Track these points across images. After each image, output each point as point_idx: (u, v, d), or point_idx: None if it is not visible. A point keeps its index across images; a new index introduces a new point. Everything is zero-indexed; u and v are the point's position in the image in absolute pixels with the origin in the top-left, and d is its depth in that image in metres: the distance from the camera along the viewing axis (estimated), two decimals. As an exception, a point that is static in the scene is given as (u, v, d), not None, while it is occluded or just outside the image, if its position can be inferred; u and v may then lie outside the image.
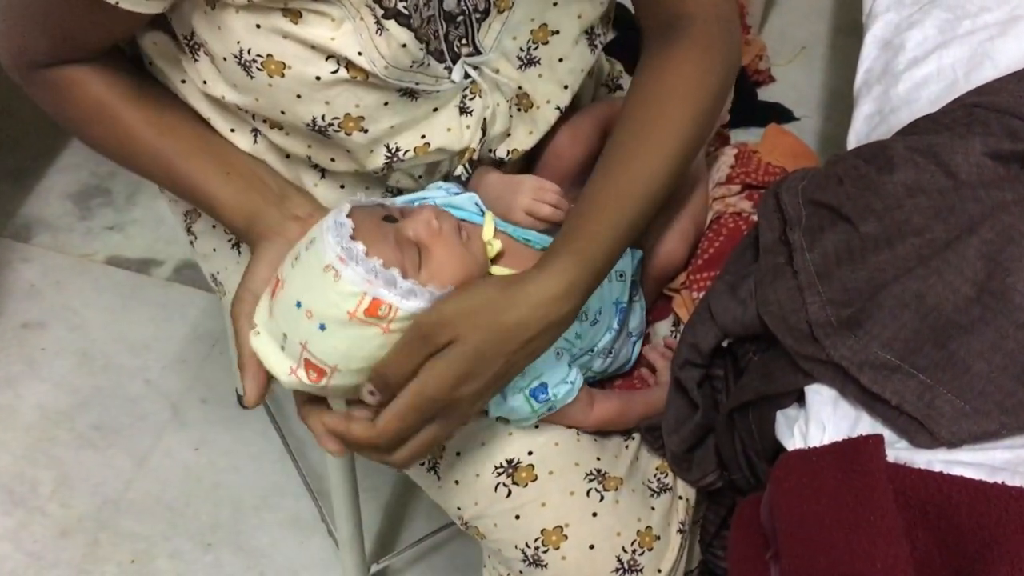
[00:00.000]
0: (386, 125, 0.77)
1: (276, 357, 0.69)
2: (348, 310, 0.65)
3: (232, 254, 0.94)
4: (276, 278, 0.70)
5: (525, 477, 0.81)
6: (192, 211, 0.96)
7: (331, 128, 0.75)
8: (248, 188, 0.82)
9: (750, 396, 0.76)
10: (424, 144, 0.79)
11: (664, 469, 0.87)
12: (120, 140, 0.81)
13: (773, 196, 0.85)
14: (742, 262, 0.88)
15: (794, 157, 1.04)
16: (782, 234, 0.81)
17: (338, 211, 0.69)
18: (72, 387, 1.52)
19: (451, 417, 0.70)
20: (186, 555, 1.35)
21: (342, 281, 0.65)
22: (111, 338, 1.58)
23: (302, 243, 0.69)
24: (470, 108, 0.81)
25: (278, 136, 0.80)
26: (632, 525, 0.82)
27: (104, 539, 1.36)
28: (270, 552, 1.35)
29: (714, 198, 0.97)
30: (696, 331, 0.83)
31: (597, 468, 0.82)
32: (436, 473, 0.85)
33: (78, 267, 1.68)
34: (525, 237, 0.80)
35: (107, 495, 1.40)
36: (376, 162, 0.80)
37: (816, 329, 0.71)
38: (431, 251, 0.70)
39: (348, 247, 0.65)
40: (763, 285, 0.78)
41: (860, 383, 0.68)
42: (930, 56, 0.90)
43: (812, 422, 0.70)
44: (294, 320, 0.67)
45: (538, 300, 0.68)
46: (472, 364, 0.67)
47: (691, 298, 0.92)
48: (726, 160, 0.99)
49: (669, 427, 0.83)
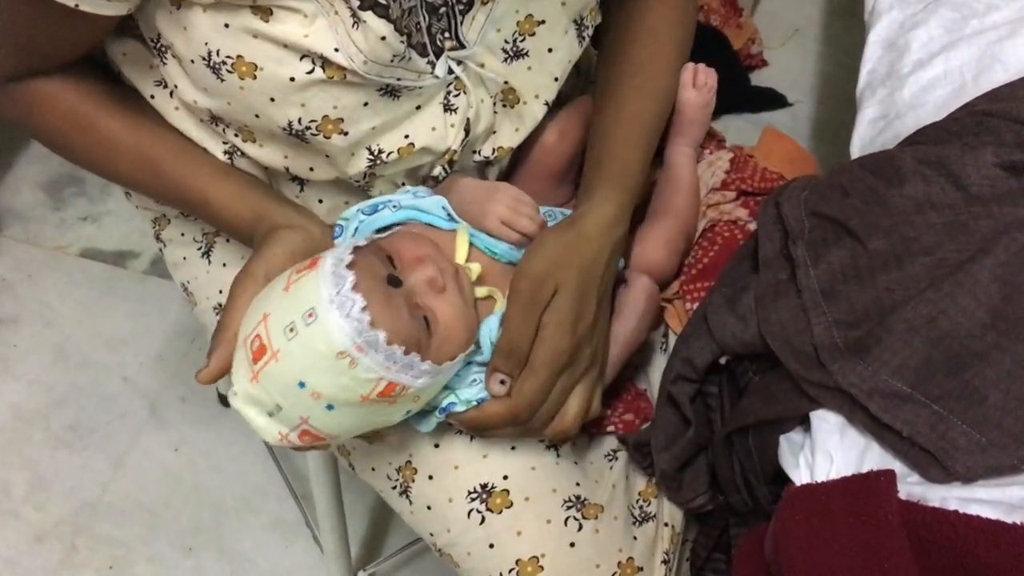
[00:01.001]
0: (367, 126, 0.73)
1: (262, 421, 0.66)
2: (362, 394, 0.63)
3: (202, 263, 0.90)
4: (261, 342, 0.64)
5: (500, 503, 0.77)
6: (161, 217, 0.92)
7: (308, 132, 0.71)
8: (252, 185, 0.79)
9: (751, 420, 0.73)
10: (408, 144, 0.76)
11: (647, 496, 0.83)
12: (99, 149, 0.78)
13: (773, 205, 0.82)
14: (739, 273, 0.85)
15: (791, 163, 1.00)
16: (783, 247, 0.78)
17: (337, 277, 0.63)
18: (46, 385, 1.48)
19: (577, 363, 0.73)
20: (166, 560, 1.32)
21: (359, 368, 0.62)
22: (87, 334, 1.54)
23: (294, 307, 0.63)
24: (454, 105, 0.77)
25: (252, 149, 0.76)
26: (612, 556, 0.78)
27: (81, 544, 1.33)
28: (253, 556, 1.32)
29: (708, 205, 0.93)
30: (691, 345, 0.80)
31: (576, 495, 0.78)
32: (408, 497, 0.81)
33: (51, 260, 1.63)
34: (491, 249, 0.77)
35: (84, 498, 1.37)
36: (358, 166, 0.76)
37: (822, 353, 0.68)
38: (437, 316, 0.68)
39: (368, 337, 0.62)
40: (765, 303, 0.74)
41: (869, 411, 0.65)
42: (936, 58, 0.86)
43: (819, 452, 0.67)
44: (295, 397, 0.64)
45: (599, 229, 0.75)
46: (578, 303, 0.72)
47: (684, 309, 0.89)
48: (721, 165, 0.95)
49: (659, 444, 0.80)
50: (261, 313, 0.65)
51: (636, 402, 0.87)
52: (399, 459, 0.81)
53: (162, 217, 0.92)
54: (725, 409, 0.80)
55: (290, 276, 0.66)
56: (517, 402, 0.70)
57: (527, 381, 0.70)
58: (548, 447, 0.80)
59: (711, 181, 0.94)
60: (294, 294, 0.64)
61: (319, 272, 0.64)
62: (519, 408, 0.71)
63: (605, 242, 0.75)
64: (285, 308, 0.64)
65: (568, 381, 0.73)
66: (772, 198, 0.83)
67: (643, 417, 0.85)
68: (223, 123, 0.75)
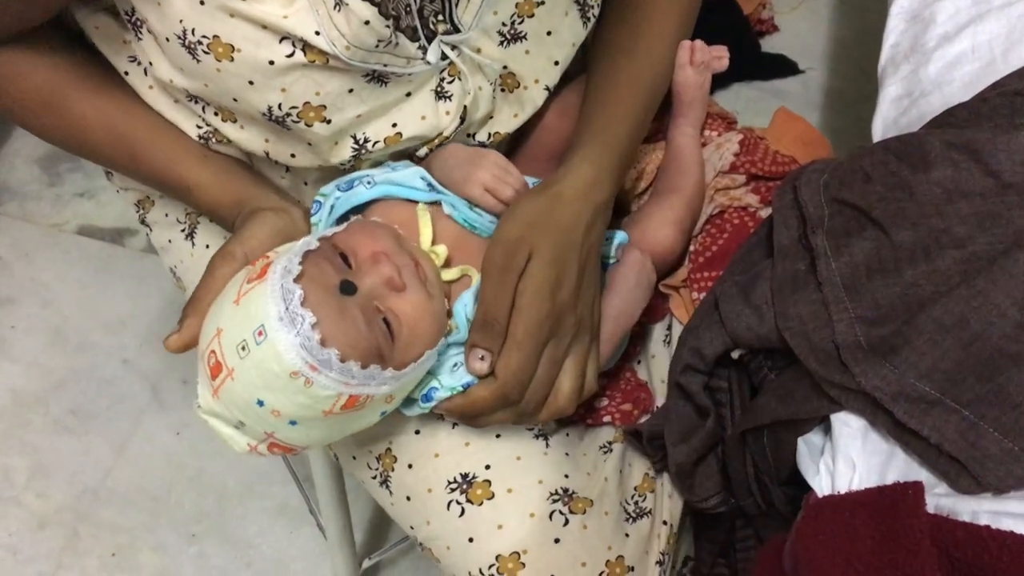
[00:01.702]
0: (351, 114, 0.69)
1: (229, 432, 0.64)
2: (323, 410, 0.61)
3: (186, 246, 0.87)
4: (216, 359, 0.61)
5: (480, 495, 0.73)
6: (144, 199, 0.89)
7: (289, 118, 0.68)
8: (232, 169, 0.76)
9: (767, 420, 0.69)
10: (395, 134, 0.72)
11: (643, 490, 0.79)
12: (72, 129, 0.75)
13: (791, 190, 0.78)
14: (751, 259, 0.81)
15: (804, 145, 0.95)
16: (801, 235, 0.74)
17: (285, 292, 0.59)
18: (45, 368, 1.45)
19: (561, 333, 0.68)
20: (170, 547, 1.30)
21: (315, 387, 0.60)
22: (85, 314, 1.51)
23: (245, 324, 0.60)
24: (448, 92, 0.73)
25: (232, 130, 0.72)
26: (600, 554, 0.73)
27: (83, 531, 1.31)
28: (258, 543, 1.30)
29: (716, 189, 0.89)
30: (701, 335, 0.76)
31: (564, 487, 0.74)
32: (388, 487, 0.77)
33: (48, 238, 1.60)
34: (471, 222, 0.73)
35: (85, 484, 1.35)
36: (342, 155, 0.72)
37: (844, 352, 0.64)
38: (400, 318, 0.64)
39: (320, 356, 0.59)
40: (782, 295, 0.70)
41: (894, 416, 0.61)
42: (964, 31, 0.81)
43: (840, 458, 0.63)
44: (255, 414, 0.62)
45: (577, 191, 0.71)
46: (555, 269, 0.68)
47: (691, 298, 0.85)
48: (730, 148, 0.90)
49: (674, 436, 0.76)
50: (215, 327, 0.62)
51: (635, 392, 0.83)
52: (379, 447, 0.77)
53: (145, 199, 0.89)
54: (735, 405, 0.77)
55: (241, 286, 0.62)
56: (504, 379, 0.66)
57: (509, 356, 0.66)
58: (537, 436, 0.76)
59: (719, 164, 0.90)
60: (244, 308, 0.61)
61: (267, 286, 0.60)
62: (507, 386, 0.66)
63: (583, 205, 0.71)
64: (237, 324, 0.61)
65: (555, 352, 0.68)
66: (789, 181, 0.78)
67: (642, 408, 0.82)
68: (202, 102, 0.72)
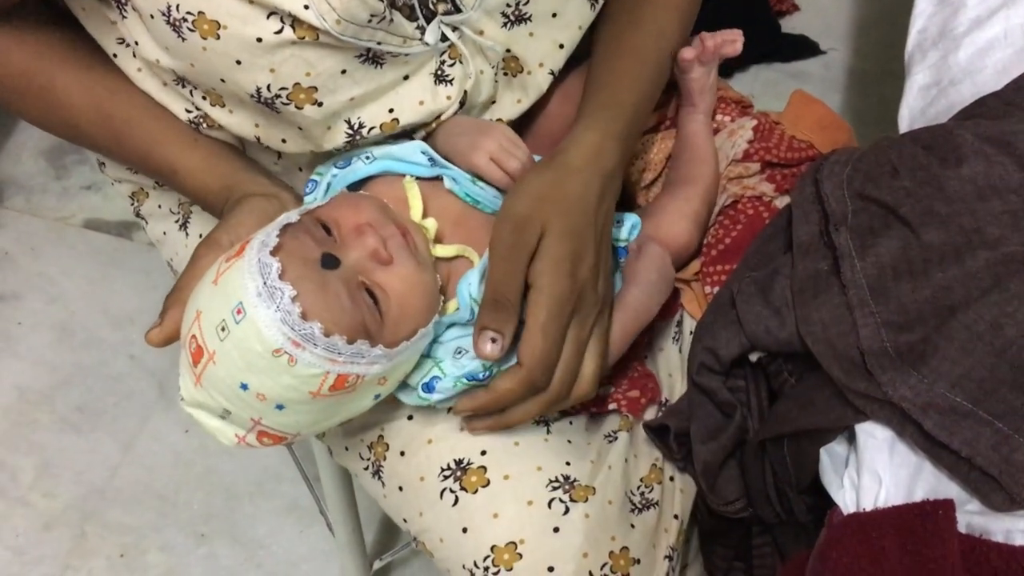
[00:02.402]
0: (344, 97, 0.66)
1: (215, 424, 0.62)
2: (310, 391, 0.58)
3: (180, 237, 0.85)
4: (197, 343, 0.59)
5: (475, 482, 0.69)
6: (139, 191, 0.86)
7: (278, 100, 0.65)
8: (221, 153, 0.73)
9: (788, 429, 0.66)
10: (392, 120, 0.69)
11: (650, 481, 0.75)
12: (56, 107, 0.72)
13: (812, 183, 0.74)
14: (766, 253, 0.77)
15: (823, 129, 0.91)
16: (823, 231, 0.70)
17: (262, 266, 0.57)
18: (51, 365, 1.43)
19: (584, 311, 0.65)
20: (178, 547, 1.28)
21: (299, 365, 0.57)
22: (92, 310, 1.49)
23: (224, 303, 0.58)
24: (448, 76, 0.70)
25: (222, 115, 0.70)
26: (603, 544, 0.69)
27: (91, 531, 1.29)
28: (267, 543, 1.28)
29: (729, 178, 0.85)
30: (717, 335, 0.73)
31: (564, 474, 0.70)
32: (380, 478, 0.74)
33: (54, 232, 1.58)
34: (473, 197, 0.70)
35: (92, 483, 1.33)
36: (335, 140, 0.70)
37: (870, 359, 0.61)
38: (387, 292, 0.61)
39: (303, 330, 0.56)
40: (804, 297, 0.67)
41: (923, 428, 0.58)
42: (996, 15, 0.77)
43: (865, 471, 0.60)
44: (240, 400, 0.59)
45: (584, 159, 0.68)
46: (572, 242, 0.64)
47: (703, 293, 0.81)
48: (743, 134, 0.86)
49: (702, 434, 0.72)
50: (195, 310, 0.60)
51: (643, 380, 0.80)
52: (371, 434, 0.75)
53: (139, 191, 0.86)
54: (753, 408, 0.73)
55: (219, 266, 0.60)
56: (529, 365, 0.63)
57: (533, 340, 0.63)
58: (538, 422, 0.73)
59: (732, 152, 0.86)
60: (223, 288, 0.59)
61: (244, 261, 0.58)
62: (533, 373, 0.63)
63: (592, 174, 0.67)
64: (216, 304, 0.59)
65: (579, 332, 0.65)
66: (810, 173, 0.75)
67: (649, 398, 0.78)
68: (190, 85, 0.69)
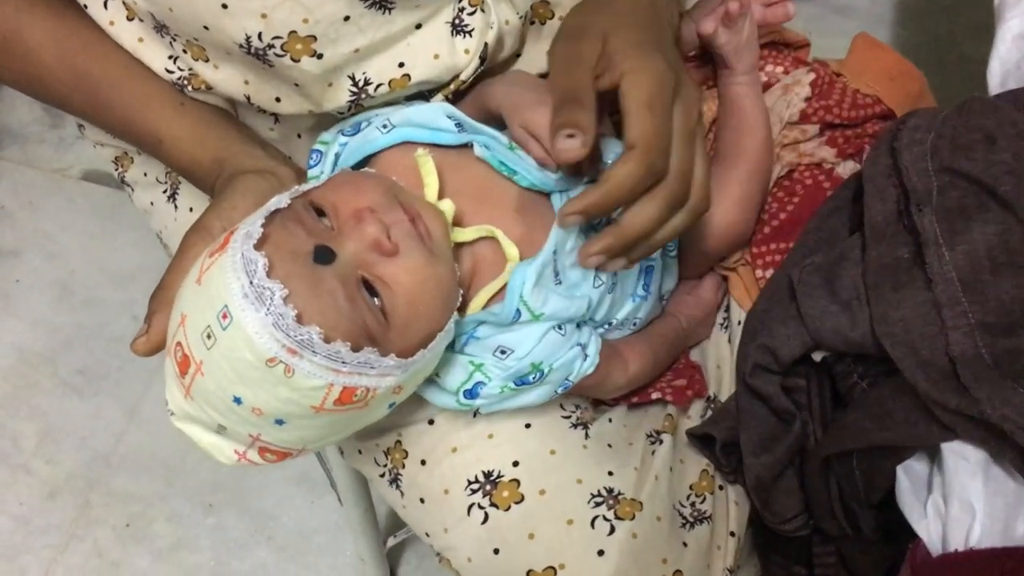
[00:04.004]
0: (347, 48, 0.58)
1: (210, 440, 0.54)
2: (312, 405, 0.50)
3: (168, 209, 0.76)
4: (183, 351, 0.51)
5: (507, 498, 0.62)
6: (123, 155, 0.78)
7: (271, 51, 0.57)
8: (212, 121, 0.65)
9: (860, 444, 0.57)
10: (403, 76, 0.61)
11: (701, 490, 0.67)
12: (24, 63, 0.64)
13: (888, 153, 0.64)
14: (828, 231, 0.68)
15: (891, 79, 0.78)
16: (903, 212, 0.60)
17: (247, 262, 0.49)
18: (52, 325, 1.37)
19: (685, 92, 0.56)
20: (185, 518, 1.22)
21: (298, 376, 0.49)
22: (92, 267, 1.42)
23: (208, 306, 0.50)
24: (467, 25, 0.61)
25: (207, 71, 0.61)
26: (654, 568, 0.62)
27: (95, 500, 1.24)
28: (277, 514, 1.22)
29: (783, 144, 0.74)
30: (774, 331, 0.64)
31: (608, 487, 0.62)
32: (398, 487, 0.67)
33: (52, 184, 1.50)
34: (510, 166, 0.60)
35: (97, 449, 1.27)
36: (337, 100, 0.61)
37: (962, 368, 0.52)
38: (392, 289, 0.52)
39: (298, 336, 0.48)
40: (880, 291, 0.58)
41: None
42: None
43: (954, 499, 0.52)
44: (235, 415, 0.52)
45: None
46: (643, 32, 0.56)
47: (754, 278, 0.72)
48: (800, 91, 0.75)
49: (753, 445, 0.64)
50: (179, 314, 0.52)
51: (689, 371, 0.72)
52: (387, 439, 0.67)
53: (123, 155, 0.78)
54: (815, 411, 0.65)
55: (203, 261, 0.52)
56: (644, 143, 0.52)
57: (641, 115, 0.53)
58: (575, 424, 0.65)
59: (787, 113, 0.75)
60: (206, 288, 0.51)
61: (227, 257, 0.50)
62: (649, 151, 0.52)
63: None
64: (200, 307, 0.51)
65: (685, 118, 0.55)
66: (885, 141, 0.65)
67: (695, 390, 0.71)
68: (169, 34, 0.60)
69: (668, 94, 0.54)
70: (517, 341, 0.59)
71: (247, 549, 1.20)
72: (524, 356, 0.59)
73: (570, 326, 0.61)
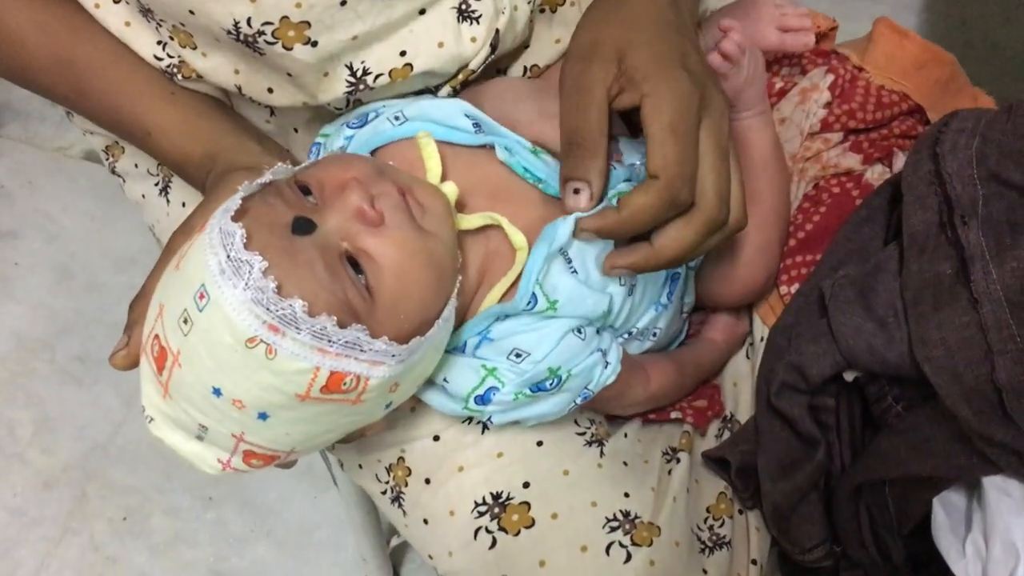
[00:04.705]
0: (344, 35, 0.54)
1: (192, 448, 0.51)
2: (296, 393, 0.46)
3: (160, 203, 0.72)
4: (160, 344, 0.48)
5: (517, 521, 0.58)
6: (113, 144, 0.74)
7: (262, 38, 0.53)
8: (203, 112, 0.61)
9: (895, 474, 0.53)
10: (404, 66, 0.57)
11: (719, 513, 0.63)
12: (7, 49, 0.61)
13: (929, 158, 0.60)
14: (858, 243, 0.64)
15: (918, 70, 0.73)
16: (945, 222, 0.56)
17: (224, 235, 0.46)
18: (51, 310, 1.34)
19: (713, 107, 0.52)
20: (184, 512, 1.19)
21: (280, 357, 0.45)
22: (93, 250, 1.39)
23: (185, 289, 0.46)
24: (474, 11, 0.57)
25: (195, 59, 0.57)
26: None
27: (92, 492, 1.21)
28: (278, 508, 1.19)
29: (806, 158, 0.70)
30: (803, 349, 0.60)
31: (624, 510, 0.59)
32: (400, 506, 0.63)
33: (53, 163, 1.47)
34: (534, 172, 0.56)
35: (94, 440, 1.24)
36: (333, 91, 0.57)
37: (1010, 399, 0.48)
38: (376, 259, 0.49)
39: (279, 310, 0.44)
40: (920, 309, 0.53)
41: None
42: None
43: (996, 538, 0.48)
44: (215, 410, 0.47)
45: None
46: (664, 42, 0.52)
47: (778, 294, 0.67)
48: (819, 97, 0.70)
49: (772, 470, 0.61)
50: (157, 304, 0.49)
51: (708, 391, 0.69)
52: (390, 454, 0.63)
53: (114, 145, 0.74)
54: (844, 433, 0.61)
55: (183, 248, 0.49)
56: (667, 176, 0.49)
57: (663, 141, 0.49)
58: (589, 442, 0.61)
59: (807, 123, 0.70)
60: (184, 271, 0.48)
61: (205, 232, 0.47)
62: (671, 181, 0.49)
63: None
64: (177, 292, 0.48)
65: (716, 136, 0.51)
66: (926, 144, 0.60)
67: (715, 410, 0.67)
68: (155, 19, 0.57)
69: (692, 116, 0.50)
70: (534, 343, 0.55)
71: (247, 544, 1.17)
72: (541, 360, 0.55)
73: (590, 330, 0.57)
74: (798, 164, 0.69)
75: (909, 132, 0.71)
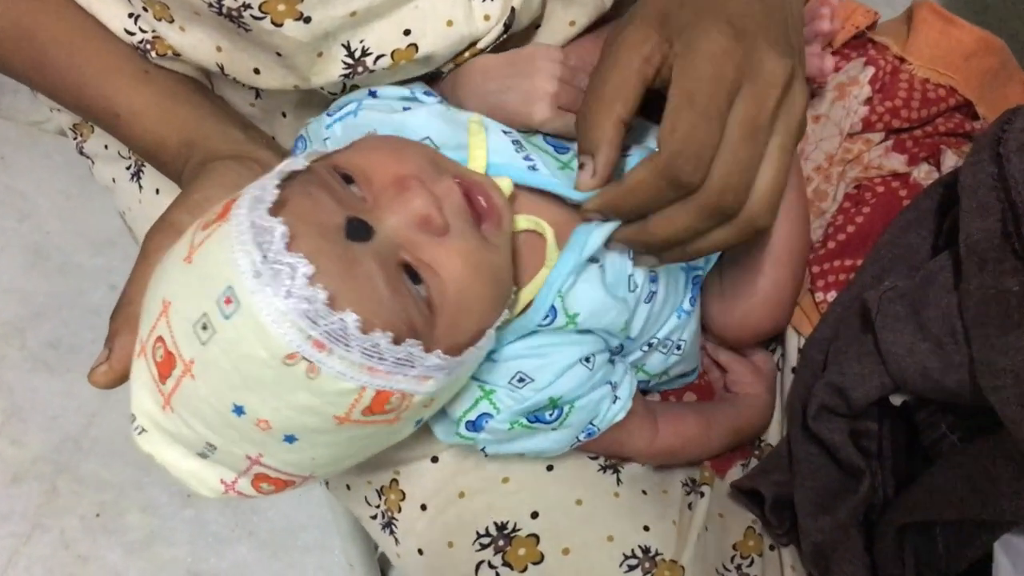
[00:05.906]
0: (341, 11, 0.49)
1: (189, 467, 0.44)
2: (336, 415, 0.41)
3: (131, 188, 0.66)
4: (165, 348, 0.41)
5: (524, 556, 0.53)
6: (81, 123, 0.68)
7: (247, 12, 0.47)
8: (180, 94, 0.55)
9: (951, 516, 0.48)
10: (408, 46, 0.51)
11: (747, 551, 0.58)
12: None
13: (991, 159, 0.53)
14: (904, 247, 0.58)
15: (966, 60, 0.67)
16: (1011, 231, 0.50)
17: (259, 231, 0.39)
18: (22, 293, 1.28)
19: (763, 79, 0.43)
20: (161, 509, 1.14)
21: (324, 377, 0.39)
22: (68, 231, 1.33)
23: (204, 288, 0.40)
24: None
25: (173, 34, 0.52)
26: None
27: (63, 486, 1.15)
28: (261, 507, 1.14)
29: (846, 160, 0.64)
30: (845, 369, 0.54)
31: (643, 545, 0.53)
32: (392, 533, 0.58)
33: (27, 138, 1.40)
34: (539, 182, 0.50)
35: (66, 431, 1.19)
36: (328, 73, 0.52)
37: (1091, 438, 0.42)
38: (441, 275, 0.43)
39: (329, 325, 0.38)
40: (984, 331, 0.48)
41: None
42: None
43: (1073, 596, 0.42)
44: (232, 430, 0.41)
45: None
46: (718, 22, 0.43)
47: (813, 301, 0.62)
48: (859, 93, 0.64)
49: (811, 506, 0.55)
50: (160, 300, 0.42)
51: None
52: (382, 476, 0.58)
53: (81, 123, 0.68)
54: (886, 459, 0.55)
55: (194, 235, 0.42)
56: (669, 147, 0.43)
57: (677, 110, 0.43)
58: (604, 467, 0.56)
59: (847, 123, 0.64)
60: (200, 266, 0.41)
61: (231, 226, 0.40)
62: (674, 156, 0.43)
63: None
64: (192, 291, 0.41)
65: (753, 111, 0.43)
66: (989, 145, 0.54)
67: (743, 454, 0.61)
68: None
69: (720, 82, 0.43)
70: (538, 369, 0.49)
71: (227, 544, 1.12)
72: (543, 388, 0.49)
73: (601, 358, 0.51)
74: (836, 167, 0.63)
75: (956, 129, 0.65)
